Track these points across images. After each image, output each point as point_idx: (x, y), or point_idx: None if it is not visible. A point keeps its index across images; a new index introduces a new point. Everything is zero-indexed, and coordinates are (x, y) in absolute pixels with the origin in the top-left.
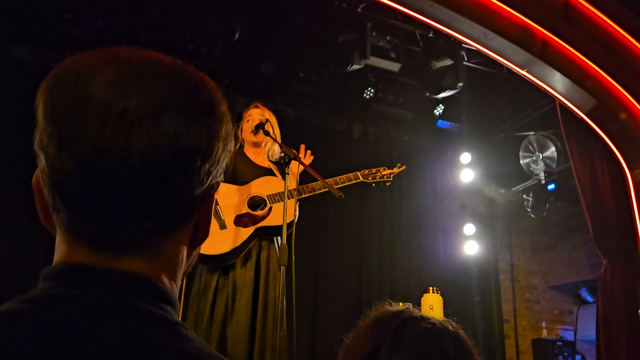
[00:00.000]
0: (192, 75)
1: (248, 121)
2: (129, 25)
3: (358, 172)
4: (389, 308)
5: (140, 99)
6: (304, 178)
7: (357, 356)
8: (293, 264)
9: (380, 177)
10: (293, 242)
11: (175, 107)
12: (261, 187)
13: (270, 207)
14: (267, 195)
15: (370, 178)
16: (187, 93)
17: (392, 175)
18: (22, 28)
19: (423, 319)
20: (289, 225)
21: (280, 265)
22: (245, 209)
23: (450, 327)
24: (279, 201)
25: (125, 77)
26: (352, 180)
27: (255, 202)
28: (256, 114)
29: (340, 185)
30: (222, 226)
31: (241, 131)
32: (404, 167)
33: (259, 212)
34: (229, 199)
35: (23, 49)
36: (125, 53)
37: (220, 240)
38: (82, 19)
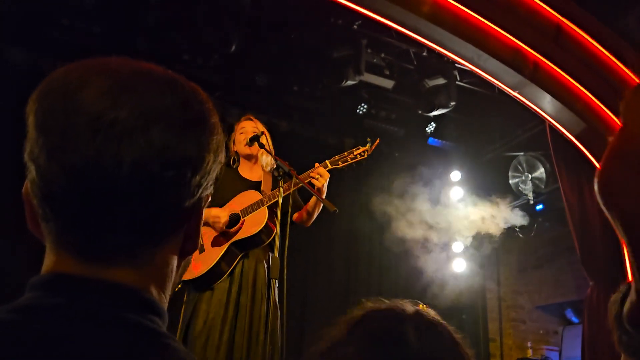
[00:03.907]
0: (183, 86)
1: (241, 133)
2: (125, 32)
3: (327, 161)
4: (370, 304)
5: (131, 110)
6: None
7: (318, 351)
8: (285, 278)
9: (352, 159)
10: (285, 255)
11: (165, 118)
12: (237, 203)
13: (243, 221)
14: (241, 210)
15: (340, 163)
16: (178, 104)
17: (366, 153)
18: (16, 31)
19: (389, 310)
20: (264, 235)
21: (271, 279)
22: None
23: (422, 316)
24: (250, 213)
25: (116, 88)
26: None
27: (232, 220)
28: (249, 127)
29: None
30: (201, 249)
31: (233, 143)
32: (377, 140)
33: (232, 229)
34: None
35: (17, 52)
36: (116, 64)
37: (198, 263)
38: (78, 24)
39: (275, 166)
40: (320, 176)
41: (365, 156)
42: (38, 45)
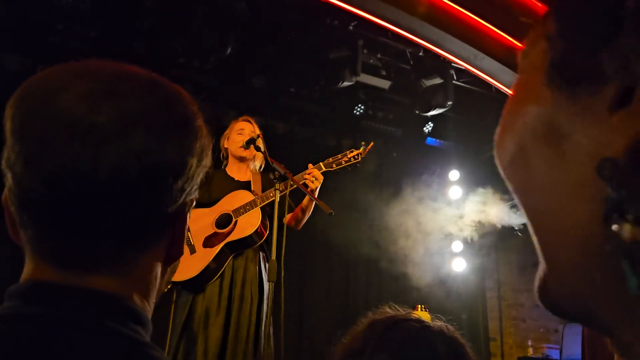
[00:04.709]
0: (165, 88)
1: (239, 134)
2: (121, 36)
3: (320, 163)
4: (389, 311)
5: (110, 114)
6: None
7: (343, 354)
8: (282, 281)
9: (346, 162)
10: (282, 258)
11: (146, 122)
12: (228, 203)
13: (236, 221)
14: (232, 210)
15: (334, 165)
16: (159, 108)
17: (359, 156)
18: (11, 37)
19: (416, 321)
20: (256, 236)
21: (269, 282)
22: (213, 229)
23: (445, 329)
24: (243, 214)
25: (95, 92)
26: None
27: (223, 220)
28: (248, 130)
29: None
30: (192, 250)
31: (227, 140)
32: (371, 143)
33: (225, 230)
34: (199, 222)
35: (12, 57)
36: (97, 66)
37: (189, 265)
38: (74, 29)
39: (263, 169)
40: (316, 179)
41: (359, 159)
42: (33, 50)
